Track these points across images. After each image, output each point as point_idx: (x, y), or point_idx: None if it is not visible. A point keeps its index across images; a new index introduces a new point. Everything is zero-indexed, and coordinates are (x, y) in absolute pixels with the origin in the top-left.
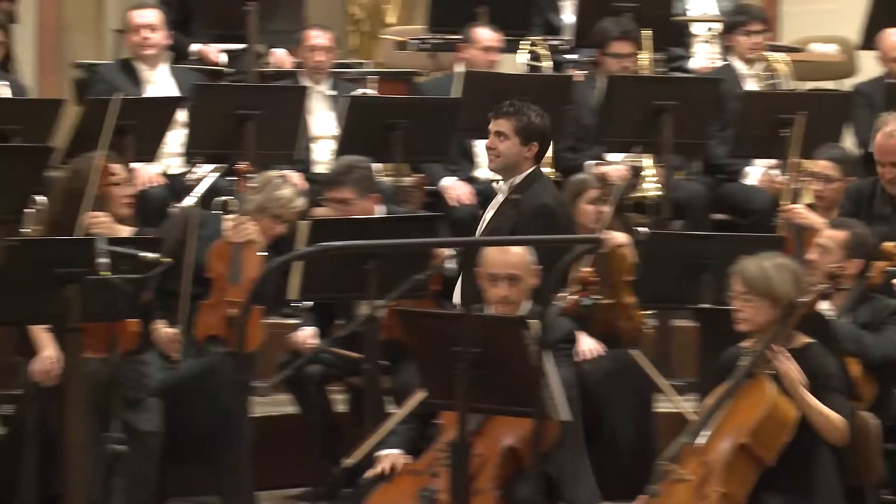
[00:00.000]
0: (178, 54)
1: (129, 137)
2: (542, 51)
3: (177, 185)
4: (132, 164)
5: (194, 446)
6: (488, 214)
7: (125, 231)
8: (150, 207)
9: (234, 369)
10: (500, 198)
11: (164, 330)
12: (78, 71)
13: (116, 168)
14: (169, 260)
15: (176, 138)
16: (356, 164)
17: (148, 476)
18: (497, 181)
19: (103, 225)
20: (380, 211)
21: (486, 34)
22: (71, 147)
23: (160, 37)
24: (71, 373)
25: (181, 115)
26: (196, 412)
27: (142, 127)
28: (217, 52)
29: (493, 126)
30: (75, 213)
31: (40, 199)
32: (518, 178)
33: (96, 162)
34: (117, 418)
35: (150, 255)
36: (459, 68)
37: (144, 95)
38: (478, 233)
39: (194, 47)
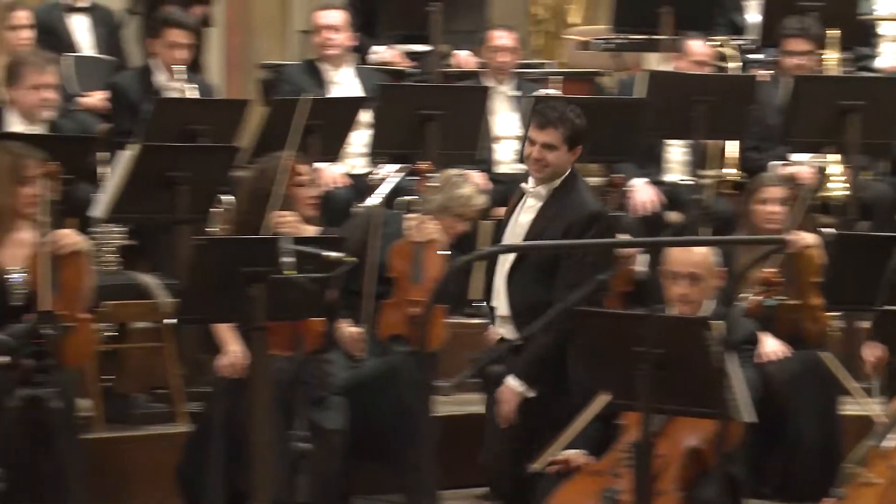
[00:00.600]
0: (363, 55)
1: (314, 137)
2: (729, 51)
3: (360, 185)
4: (316, 164)
5: (378, 444)
6: (524, 218)
7: (310, 230)
8: (335, 207)
9: (417, 368)
10: (532, 202)
11: (348, 329)
12: (264, 72)
13: (303, 168)
14: (353, 259)
15: (360, 139)
16: None
17: (332, 474)
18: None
19: (289, 224)
20: None
21: (698, 47)
22: (256, 147)
23: (344, 38)
24: (257, 371)
25: (365, 116)
26: (380, 411)
27: (326, 127)
28: (400, 54)
29: (538, 136)
30: (261, 213)
31: (227, 198)
32: (557, 182)
33: (284, 162)
34: (302, 416)
35: (334, 254)
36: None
37: (328, 96)
38: (511, 236)
39: (376, 50)
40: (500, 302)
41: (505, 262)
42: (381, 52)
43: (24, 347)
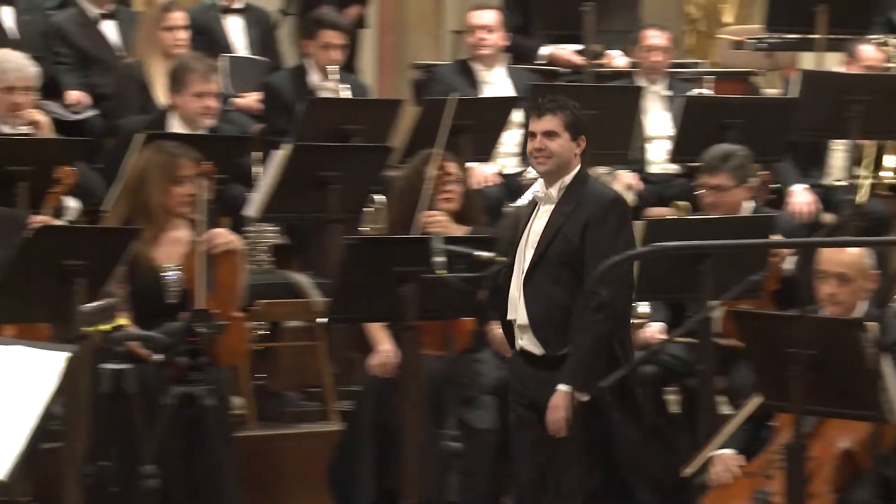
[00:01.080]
0: (517, 56)
1: (466, 137)
2: (891, 50)
3: (512, 185)
4: (468, 164)
5: None
6: (538, 224)
7: (461, 230)
8: (486, 207)
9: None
10: (545, 207)
11: (498, 329)
12: (416, 71)
13: (452, 167)
14: (504, 259)
15: (511, 138)
16: (734, 152)
17: (482, 473)
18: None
19: (440, 224)
20: (748, 206)
21: (870, 52)
22: (408, 147)
23: (497, 38)
24: (408, 370)
25: (517, 116)
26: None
27: (478, 127)
28: (572, 52)
29: (538, 126)
30: (412, 212)
31: (379, 198)
32: (567, 179)
33: (433, 161)
34: (453, 415)
35: (485, 254)
36: None
37: (481, 96)
38: (527, 246)
39: (544, 50)
40: (519, 312)
41: (519, 271)
42: (555, 51)
43: (179, 345)
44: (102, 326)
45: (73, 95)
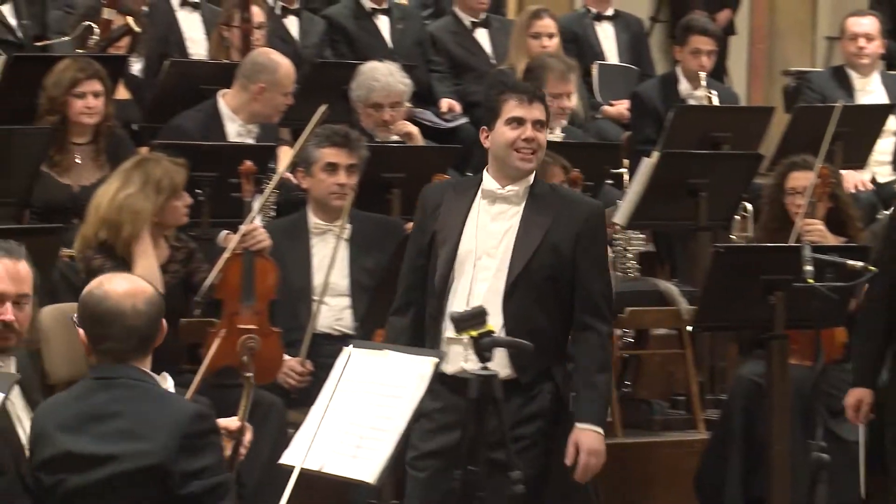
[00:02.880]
0: (890, 62)
1: (839, 145)
2: None
3: (884, 193)
4: (841, 171)
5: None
6: (497, 226)
7: (836, 239)
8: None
9: None
10: (504, 206)
11: None
12: (788, 78)
13: (828, 175)
14: (874, 269)
15: (885, 146)
16: None
17: (851, 485)
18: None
19: (818, 232)
20: None
21: None
22: (778, 154)
23: (876, 45)
24: (776, 379)
25: (892, 124)
26: None
27: (853, 134)
28: None
29: (530, 113)
30: (781, 220)
31: (748, 206)
32: (530, 178)
33: (812, 169)
34: (821, 426)
35: (857, 263)
36: None
37: (857, 103)
38: (486, 247)
39: None
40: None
41: (482, 282)
42: None
43: None
44: (472, 332)
45: (446, 103)
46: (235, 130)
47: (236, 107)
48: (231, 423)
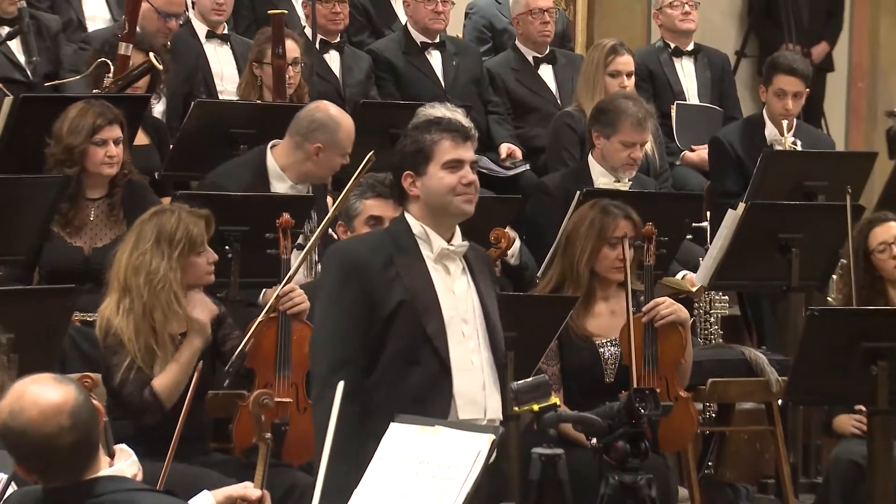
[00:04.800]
0: None
1: None
2: None
3: None
4: None
5: None
6: (460, 287)
7: None
8: None
9: None
10: (452, 264)
11: None
12: (892, 120)
13: None
14: None
15: None
16: None
17: None
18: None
19: None
20: None
21: None
22: (882, 204)
23: None
24: (879, 460)
25: None
26: None
27: None
28: None
29: (465, 154)
30: (873, 280)
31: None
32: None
33: None
34: None
35: None
36: None
37: None
38: (458, 313)
39: None
40: (490, 406)
41: (473, 352)
42: None
43: (618, 428)
44: (534, 406)
45: (506, 148)
46: (284, 191)
47: (286, 164)
48: (251, 492)
